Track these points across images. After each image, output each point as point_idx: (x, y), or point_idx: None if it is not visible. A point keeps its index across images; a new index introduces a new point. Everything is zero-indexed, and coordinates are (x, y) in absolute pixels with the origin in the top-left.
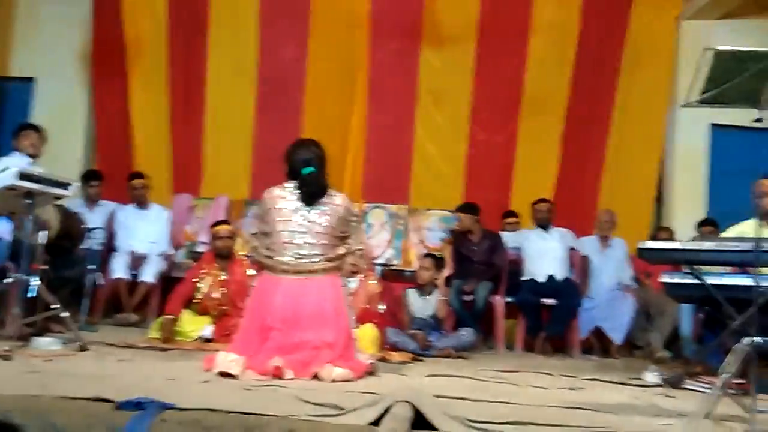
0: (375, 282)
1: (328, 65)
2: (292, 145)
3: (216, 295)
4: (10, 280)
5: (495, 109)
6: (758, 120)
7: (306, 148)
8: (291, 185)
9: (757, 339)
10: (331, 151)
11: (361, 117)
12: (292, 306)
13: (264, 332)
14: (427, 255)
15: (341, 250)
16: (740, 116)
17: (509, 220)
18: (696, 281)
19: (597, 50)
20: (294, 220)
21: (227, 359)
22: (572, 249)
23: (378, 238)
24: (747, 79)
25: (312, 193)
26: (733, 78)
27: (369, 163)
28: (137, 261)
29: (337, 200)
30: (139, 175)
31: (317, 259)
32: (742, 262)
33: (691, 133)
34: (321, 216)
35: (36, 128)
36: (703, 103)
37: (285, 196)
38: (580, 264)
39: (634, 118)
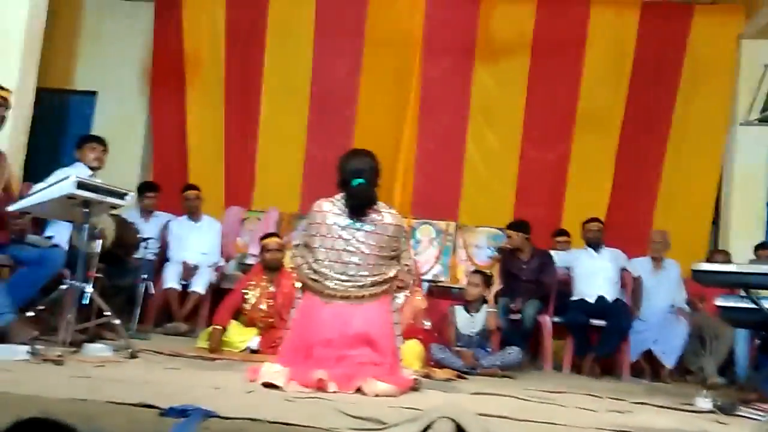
0: (421, 298)
1: (381, 82)
2: (345, 154)
3: (263, 306)
4: (65, 286)
5: (548, 127)
6: None
7: (359, 158)
8: (340, 197)
9: None
10: (382, 167)
11: (412, 133)
12: (339, 327)
13: (309, 348)
14: (476, 271)
15: (391, 272)
16: None
17: (560, 238)
18: (752, 305)
19: (654, 67)
20: (342, 237)
21: (272, 370)
22: (624, 270)
23: (426, 254)
24: None
25: (359, 206)
26: None
27: (419, 179)
28: (189, 272)
29: (387, 218)
30: (193, 187)
31: (364, 282)
32: None
33: (751, 154)
34: (370, 235)
35: (101, 141)
36: (763, 121)
37: (334, 211)
38: (631, 285)
39: (692, 137)
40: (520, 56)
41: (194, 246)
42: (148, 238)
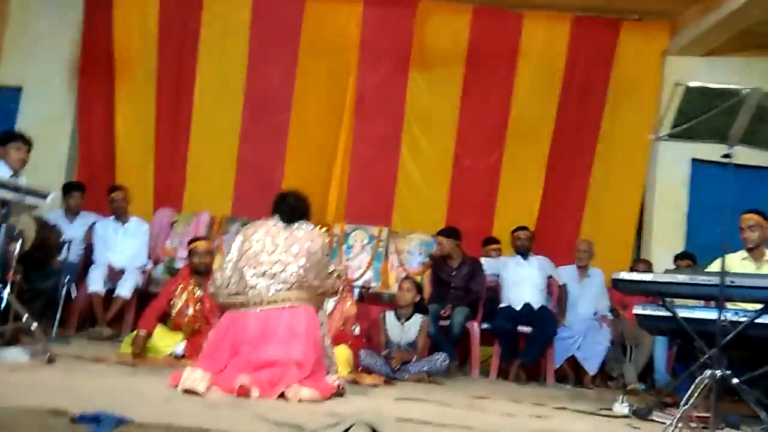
0: (351, 304)
1: (316, 87)
2: (278, 194)
3: (190, 311)
4: None
5: (481, 135)
6: (726, 156)
7: (291, 193)
8: (273, 217)
9: (719, 372)
10: (315, 172)
11: (346, 139)
12: (263, 331)
13: (234, 347)
14: (407, 278)
15: (316, 282)
16: (719, 151)
17: (491, 246)
18: (668, 314)
19: (583, 81)
20: (273, 239)
21: (193, 376)
22: (550, 277)
23: (358, 260)
24: (715, 116)
25: (291, 211)
26: (702, 113)
27: (353, 185)
28: (114, 274)
29: (315, 232)
30: (120, 188)
31: (290, 283)
32: (712, 296)
33: (673, 167)
34: (298, 240)
35: (26, 140)
36: (673, 137)
37: (265, 225)
38: (557, 293)
39: (618, 149)
40: (454, 65)
41: (120, 248)
42: (72, 240)
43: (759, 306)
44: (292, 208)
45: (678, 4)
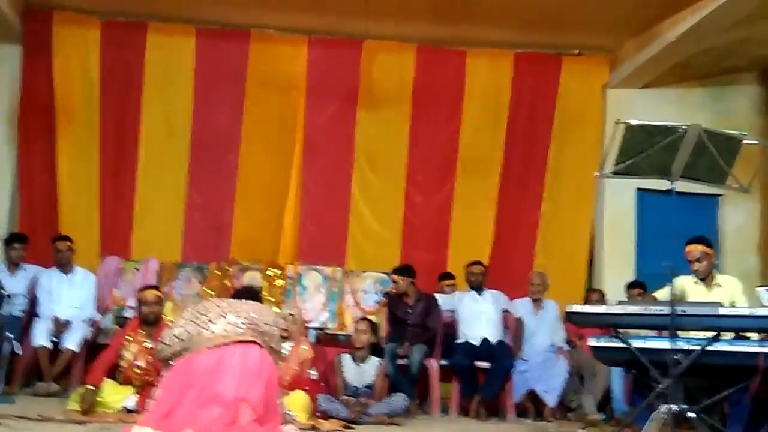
0: (307, 347)
1: (264, 127)
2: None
3: (141, 363)
4: None
5: (430, 171)
6: (669, 191)
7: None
8: None
9: (675, 407)
10: (266, 213)
11: (296, 179)
12: (218, 358)
13: (183, 391)
14: (363, 318)
15: (272, 333)
16: (661, 181)
17: (446, 282)
18: (622, 344)
19: (528, 116)
20: (222, 304)
21: None
22: (506, 311)
23: (312, 301)
24: (656, 152)
25: (246, 292)
26: (643, 150)
27: (304, 225)
28: (60, 327)
29: (264, 306)
30: (64, 238)
31: (245, 329)
32: (664, 325)
33: (619, 197)
34: (248, 308)
35: None
36: (617, 174)
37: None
38: (513, 326)
39: (566, 182)
40: (401, 103)
41: (66, 300)
42: (14, 294)
43: (710, 333)
44: (249, 295)
45: (616, 39)
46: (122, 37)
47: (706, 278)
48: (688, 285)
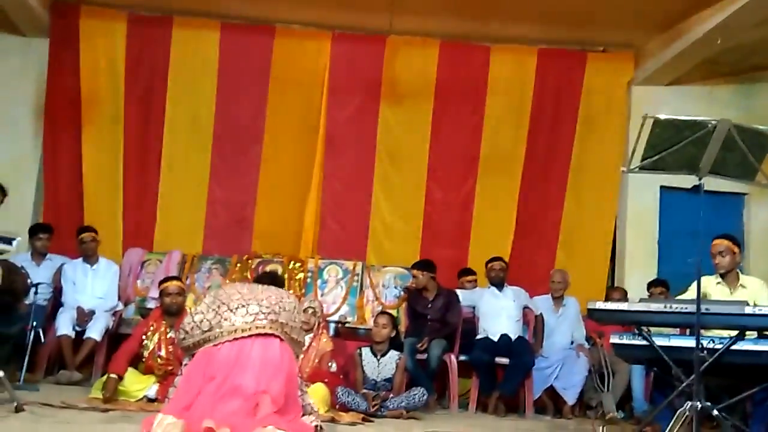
0: (327, 340)
1: (287, 122)
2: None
3: (162, 353)
4: None
5: (452, 167)
6: (696, 187)
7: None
8: None
9: (699, 404)
10: (288, 208)
11: (318, 174)
12: (237, 351)
13: (206, 376)
14: (383, 312)
15: (290, 331)
16: (686, 179)
17: (467, 278)
18: (644, 342)
19: (552, 112)
20: (246, 288)
21: (165, 422)
22: (526, 308)
23: (332, 295)
24: (684, 147)
25: (267, 277)
26: (671, 145)
27: (326, 220)
28: (84, 317)
29: (285, 293)
30: (89, 229)
31: (264, 315)
32: (687, 323)
33: (643, 195)
34: (271, 295)
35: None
36: (643, 169)
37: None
38: (533, 323)
39: (589, 179)
40: (424, 99)
41: (90, 290)
42: (40, 283)
43: (734, 333)
44: (270, 280)
45: (642, 35)
46: (148, 31)
47: (727, 275)
48: (710, 286)
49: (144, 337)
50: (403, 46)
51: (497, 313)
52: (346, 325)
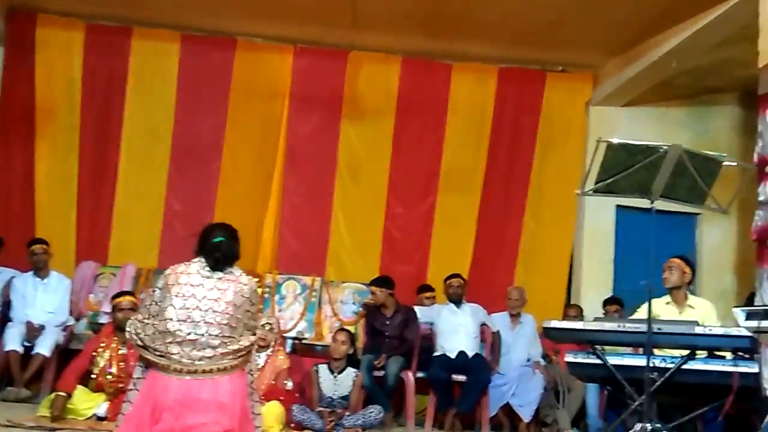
0: (284, 357)
1: (247, 136)
2: (205, 227)
3: (113, 370)
4: None
5: (413, 184)
6: (649, 210)
7: (220, 228)
8: (196, 260)
9: (649, 426)
10: (247, 221)
11: (278, 188)
12: (186, 391)
13: (154, 414)
14: (342, 329)
15: (245, 342)
16: (642, 198)
17: (425, 294)
18: (598, 361)
19: (512, 130)
20: (195, 295)
21: None
22: (483, 325)
23: (290, 310)
24: (637, 171)
25: (220, 258)
26: (624, 169)
27: (284, 234)
28: (33, 332)
29: (243, 279)
30: (40, 241)
31: (215, 349)
32: (639, 342)
33: (599, 214)
34: (224, 292)
35: None
36: (597, 192)
37: (188, 271)
38: (490, 340)
39: (548, 197)
40: (385, 115)
41: (40, 304)
42: None
43: (685, 352)
44: (223, 256)
45: (600, 56)
46: (106, 41)
47: (675, 294)
48: (660, 306)
49: (95, 353)
50: (365, 62)
51: (455, 329)
52: (304, 341)
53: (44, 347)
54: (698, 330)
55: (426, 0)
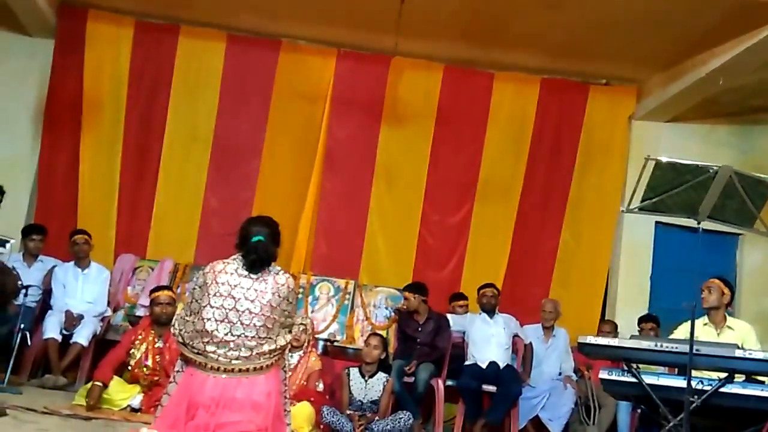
0: (316, 359)
1: (287, 137)
2: (247, 220)
3: (149, 362)
4: None
5: (449, 192)
6: (694, 229)
7: (260, 223)
8: (234, 258)
9: None
10: (283, 222)
11: (315, 190)
12: (222, 390)
13: (189, 410)
14: (374, 333)
15: (281, 341)
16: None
17: (458, 302)
18: (633, 379)
19: (552, 143)
20: (232, 295)
21: None
22: (516, 336)
23: (323, 312)
24: (684, 191)
25: (257, 260)
26: (671, 188)
27: (320, 236)
28: (72, 321)
29: (281, 279)
30: (82, 232)
31: (250, 350)
32: (677, 363)
33: (638, 230)
34: (262, 294)
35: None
36: (643, 210)
37: (226, 270)
38: (522, 352)
39: (587, 211)
40: (425, 121)
41: (80, 294)
42: (30, 286)
43: (722, 374)
44: (259, 259)
45: (644, 71)
46: (154, 38)
47: (713, 315)
48: (697, 327)
49: (131, 345)
50: (407, 68)
51: (487, 339)
52: (335, 343)
53: (82, 336)
54: (738, 353)
55: (469, 9)
